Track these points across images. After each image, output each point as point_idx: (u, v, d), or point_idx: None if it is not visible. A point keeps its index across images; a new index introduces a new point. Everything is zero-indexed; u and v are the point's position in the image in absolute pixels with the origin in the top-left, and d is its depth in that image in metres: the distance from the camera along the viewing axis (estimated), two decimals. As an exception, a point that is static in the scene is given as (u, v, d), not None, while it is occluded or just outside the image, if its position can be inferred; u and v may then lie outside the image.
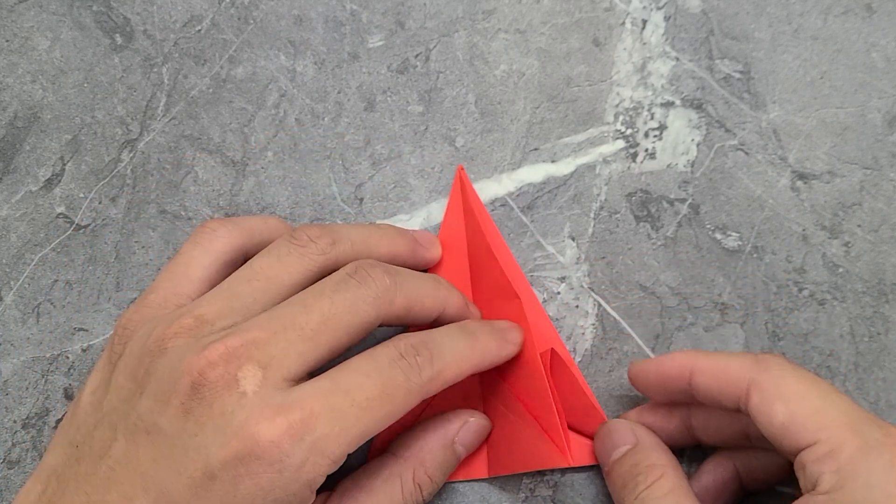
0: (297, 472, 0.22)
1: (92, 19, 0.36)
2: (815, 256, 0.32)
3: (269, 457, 0.22)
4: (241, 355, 0.23)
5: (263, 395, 0.23)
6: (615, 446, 0.29)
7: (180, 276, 0.27)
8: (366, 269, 0.26)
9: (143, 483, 0.23)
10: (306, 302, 0.25)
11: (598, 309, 0.32)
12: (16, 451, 0.32)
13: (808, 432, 0.24)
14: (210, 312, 0.25)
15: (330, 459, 0.23)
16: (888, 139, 0.33)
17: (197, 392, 0.23)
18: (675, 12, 0.35)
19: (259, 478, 0.22)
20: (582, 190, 0.33)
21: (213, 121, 0.35)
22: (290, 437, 0.22)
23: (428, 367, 0.25)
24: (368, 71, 0.35)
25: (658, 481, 0.27)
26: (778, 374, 0.25)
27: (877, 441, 0.23)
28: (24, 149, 0.35)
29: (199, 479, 0.22)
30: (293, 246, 0.27)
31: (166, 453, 0.23)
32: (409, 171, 0.34)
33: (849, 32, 0.34)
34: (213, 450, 0.22)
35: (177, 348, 0.24)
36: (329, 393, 0.23)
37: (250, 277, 0.26)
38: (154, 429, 0.23)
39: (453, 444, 0.29)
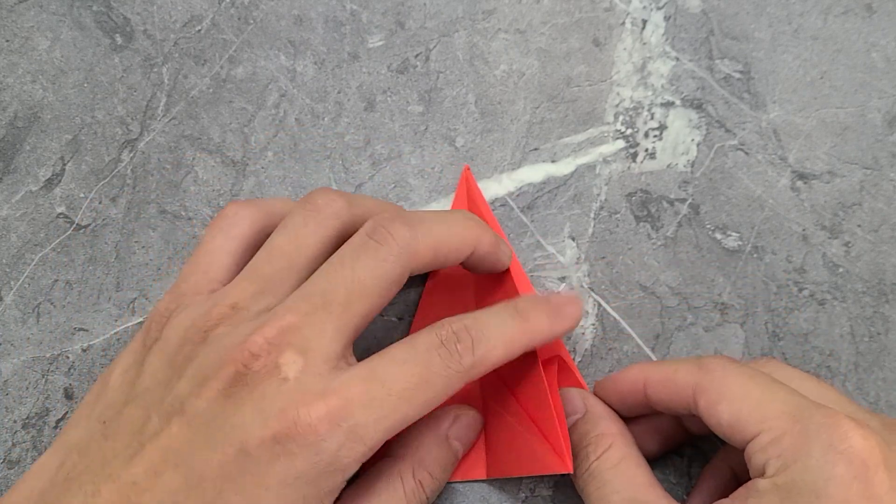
0: (333, 456, 0.23)
1: (92, 19, 0.36)
2: (815, 256, 0.32)
3: (307, 439, 0.22)
4: (280, 343, 0.24)
5: (304, 381, 0.23)
6: (566, 416, 0.29)
7: (208, 263, 0.28)
8: (384, 227, 0.26)
9: (174, 459, 0.23)
10: (329, 276, 0.25)
11: (598, 309, 0.32)
12: (16, 451, 0.32)
13: (751, 426, 0.24)
14: (243, 298, 0.25)
15: (366, 446, 0.23)
16: (888, 139, 0.33)
17: (240, 379, 0.23)
18: (675, 12, 0.35)
19: (294, 458, 0.22)
20: (582, 190, 0.33)
21: (213, 121, 0.35)
22: (328, 422, 0.22)
23: (468, 355, 0.25)
24: (368, 71, 0.35)
25: (607, 451, 0.27)
26: (720, 375, 0.25)
27: (817, 424, 0.23)
28: (24, 149, 0.35)
29: (232, 455, 0.22)
30: (307, 213, 0.27)
31: (201, 432, 0.23)
32: (409, 171, 0.34)
33: (849, 32, 0.34)
34: (251, 429, 0.22)
35: (218, 337, 0.25)
36: (367, 380, 0.23)
37: (271, 256, 0.26)
38: (191, 410, 0.23)
39: (448, 440, 0.29)
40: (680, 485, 0.31)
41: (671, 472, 0.31)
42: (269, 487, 0.22)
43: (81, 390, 0.33)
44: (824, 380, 0.27)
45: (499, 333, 0.26)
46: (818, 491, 0.22)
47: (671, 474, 0.31)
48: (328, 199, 0.27)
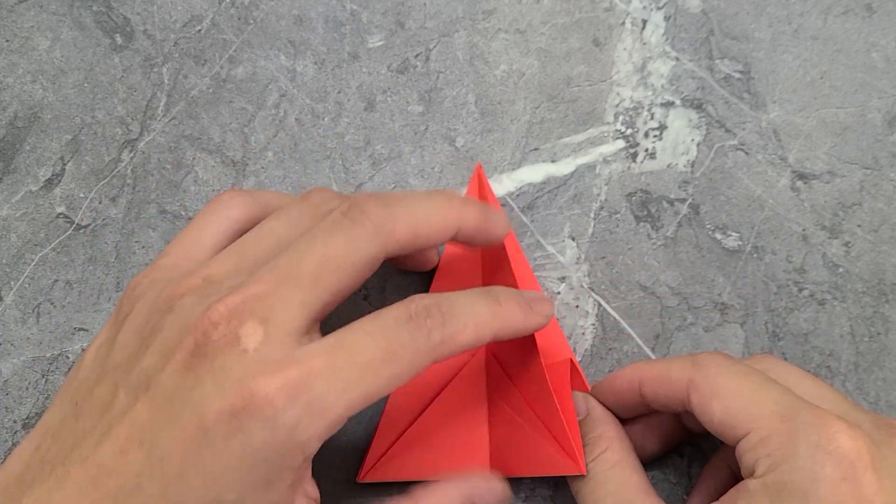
0: (291, 431, 0.22)
1: (92, 19, 0.36)
2: (815, 256, 0.32)
3: (262, 413, 0.22)
4: (243, 311, 0.23)
5: (265, 352, 0.22)
6: None
7: (192, 241, 0.27)
8: (358, 206, 0.25)
9: (138, 437, 0.22)
10: (300, 248, 0.24)
11: (598, 309, 0.32)
12: (16, 450, 0.32)
13: (742, 424, 0.24)
14: (218, 273, 0.25)
15: (326, 421, 0.22)
16: (888, 139, 0.33)
17: (199, 349, 0.23)
18: (675, 12, 0.35)
19: (250, 434, 0.22)
20: (582, 190, 0.33)
21: (213, 121, 0.35)
22: (285, 394, 0.22)
23: (438, 330, 0.24)
24: (368, 71, 0.35)
25: (604, 454, 0.27)
26: (714, 372, 0.25)
27: (805, 424, 0.23)
28: (24, 149, 0.35)
29: (192, 432, 0.22)
30: (305, 207, 0.26)
31: (164, 407, 0.22)
32: (409, 171, 0.34)
33: (849, 32, 0.34)
34: (209, 403, 0.22)
35: (184, 306, 0.24)
36: (330, 351, 0.23)
37: (260, 238, 0.26)
38: (154, 384, 0.23)
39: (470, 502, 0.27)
40: (680, 485, 0.31)
41: (671, 472, 0.31)
42: (229, 466, 0.22)
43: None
44: (821, 378, 0.27)
45: (470, 314, 0.25)
46: (806, 491, 0.22)
47: (671, 474, 0.31)
48: (326, 196, 0.27)
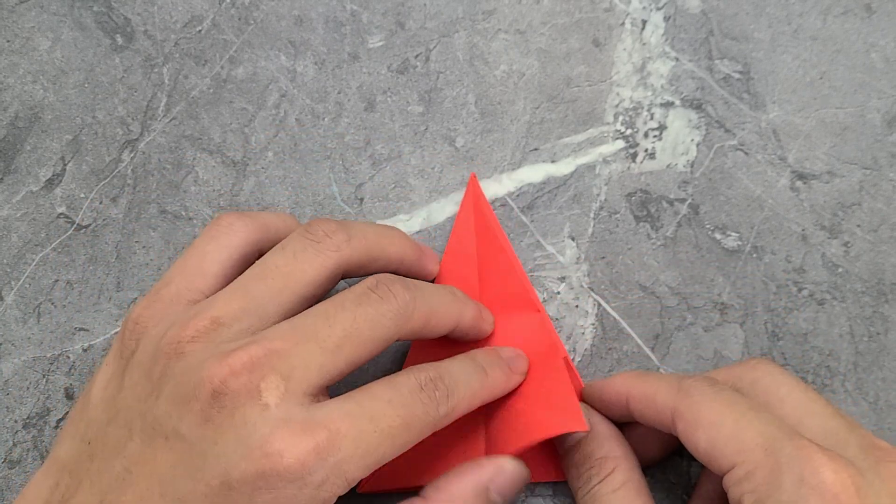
0: (316, 490, 0.22)
1: (93, 20, 0.36)
2: (815, 256, 0.32)
3: (293, 474, 0.22)
4: (264, 365, 0.23)
5: (286, 410, 0.23)
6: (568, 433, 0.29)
7: (194, 270, 0.27)
8: (386, 285, 0.26)
9: (160, 487, 0.22)
10: (328, 315, 0.25)
11: (598, 309, 0.33)
12: (17, 450, 0.32)
13: (726, 457, 0.24)
14: (226, 314, 0.25)
15: (347, 481, 0.23)
16: (887, 139, 0.33)
17: (218, 400, 0.22)
18: (674, 13, 0.35)
19: (277, 492, 0.22)
20: (582, 190, 0.34)
21: (213, 121, 0.35)
22: (316, 456, 0.22)
23: (445, 403, 0.25)
24: (368, 71, 0.35)
25: (610, 475, 0.27)
26: (698, 400, 0.25)
27: (789, 458, 0.23)
28: (24, 149, 0.35)
29: (216, 487, 0.22)
30: (308, 241, 0.26)
31: (185, 459, 0.22)
32: (409, 171, 0.34)
33: (848, 33, 0.34)
34: (234, 461, 0.22)
35: (195, 353, 0.24)
36: (354, 416, 0.23)
37: (265, 275, 0.26)
38: (172, 434, 0.23)
39: (487, 492, 0.27)
40: (679, 485, 0.31)
41: (671, 471, 0.31)
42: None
43: (82, 390, 0.33)
44: (812, 388, 0.27)
45: (466, 387, 0.26)
46: None
47: (671, 474, 0.31)
48: (329, 229, 0.27)
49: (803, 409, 0.25)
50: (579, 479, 0.28)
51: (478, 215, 0.33)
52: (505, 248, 0.32)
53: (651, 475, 0.31)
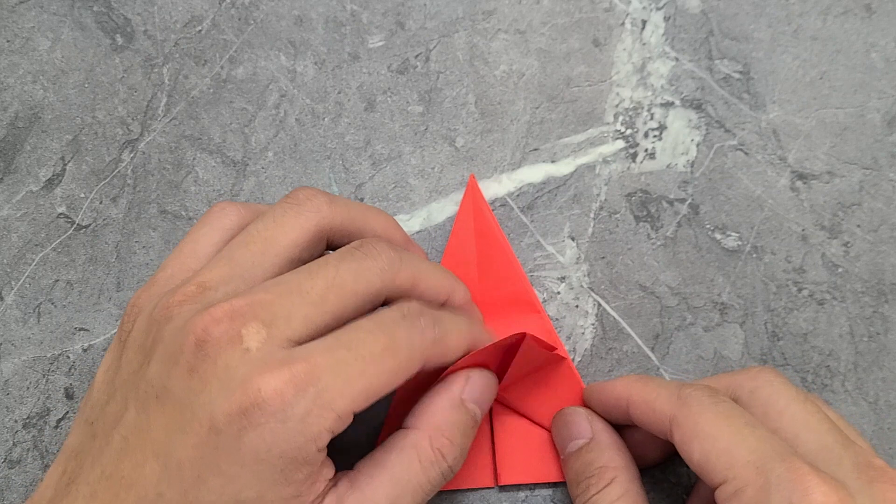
0: (301, 423, 0.22)
1: (93, 20, 0.36)
2: (815, 256, 0.32)
3: (272, 406, 0.22)
4: (246, 314, 0.23)
5: (267, 351, 0.23)
6: (571, 437, 0.29)
7: (188, 253, 0.27)
8: (371, 244, 0.26)
9: (153, 448, 0.23)
10: (311, 270, 0.25)
11: (598, 309, 0.33)
12: (17, 450, 0.32)
13: (718, 472, 0.24)
14: (211, 279, 0.25)
15: (335, 413, 0.23)
16: (887, 139, 0.33)
17: (201, 349, 0.23)
18: (674, 13, 0.35)
19: (262, 429, 0.22)
20: (582, 190, 0.34)
21: (213, 121, 0.35)
22: (293, 387, 0.22)
23: (430, 329, 0.25)
24: (368, 71, 0.35)
25: (609, 486, 0.27)
26: (696, 410, 0.25)
27: (778, 478, 0.23)
28: (24, 149, 0.35)
29: (204, 435, 0.22)
30: (288, 205, 0.27)
31: (175, 416, 0.23)
32: (409, 171, 0.34)
33: (848, 33, 0.34)
34: (218, 404, 0.22)
35: (182, 314, 0.24)
36: (332, 348, 0.23)
37: (248, 241, 0.26)
38: (163, 392, 0.23)
39: (462, 402, 0.27)
40: (679, 485, 0.31)
41: (671, 472, 0.31)
42: (245, 465, 0.22)
43: (82, 390, 0.33)
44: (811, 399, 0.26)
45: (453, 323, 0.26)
46: None
47: (671, 474, 0.31)
48: (309, 194, 0.27)
49: (801, 422, 0.25)
50: (578, 487, 0.28)
51: (477, 216, 0.33)
52: (505, 249, 0.32)
53: (651, 475, 0.31)
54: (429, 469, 0.26)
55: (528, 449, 0.30)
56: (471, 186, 0.33)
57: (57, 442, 0.32)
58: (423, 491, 0.25)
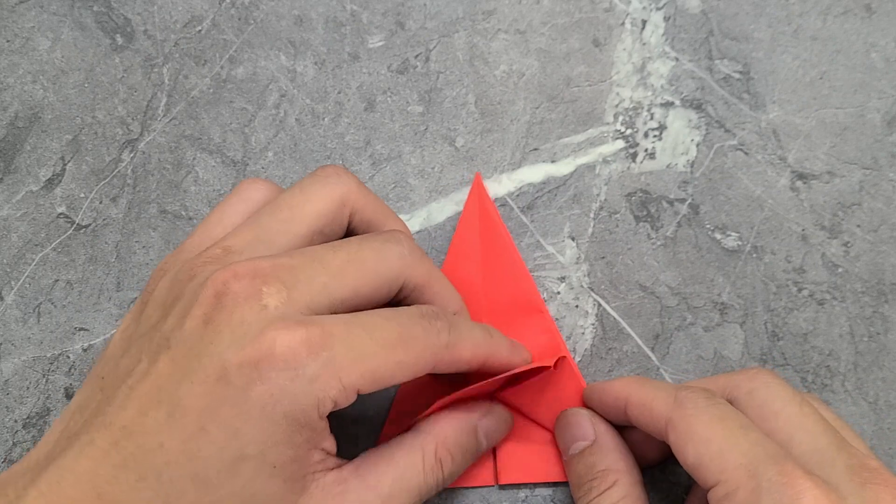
0: (309, 384, 0.22)
1: (93, 20, 0.36)
2: (815, 256, 0.32)
3: (284, 362, 0.22)
4: (268, 274, 0.23)
5: (284, 311, 0.23)
6: (574, 439, 0.29)
7: (214, 222, 0.28)
8: (394, 232, 0.27)
9: (157, 395, 0.22)
10: (334, 244, 0.25)
11: (598, 309, 0.33)
12: (17, 450, 0.32)
13: (711, 474, 0.24)
14: (237, 242, 0.25)
15: (342, 384, 0.23)
16: (887, 139, 0.33)
17: (219, 301, 0.23)
18: (674, 13, 0.35)
19: (270, 383, 0.22)
20: (582, 190, 0.34)
21: (213, 121, 0.35)
22: (307, 348, 0.22)
23: (445, 333, 0.25)
24: (368, 71, 0.35)
25: (610, 489, 0.27)
26: (691, 413, 0.25)
27: (770, 482, 0.23)
28: (24, 149, 0.35)
29: (211, 383, 0.22)
30: (316, 178, 0.27)
31: (183, 364, 0.23)
32: (409, 171, 0.34)
33: (848, 33, 0.34)
34: (229, 354, 0.22)
35: (205, 272, 0.24)
36: (349, 323, 0.24)
37: (274, 209, 0.26)
38: (175, 342, 0.23)
39: (475, 431, 0.28)
40: (679, 485, 0.31)
41: (671, 471, 0.31)
42: (249, 418, 0.22)
43: (82, 390, 0.33)
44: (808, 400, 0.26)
45: (470, 332, 0.27)
46: None
47: (671, 474, 0.31)
48: (336, 169, 0.28)
49: (796, 424, 0.25)
50: (580, 490, 0.28)
51: (482, 214, 0.33)
52: (509, 247, 0.32)
53: (651, 475, 0.31)
54: (428, 474, 0.26)
55: (529, 448, 0.30)
56: (476, 184, 0.33)
57: (57, 442, 0.32)
58: (419, 493, 0.26)
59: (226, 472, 0.22)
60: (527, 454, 0.30)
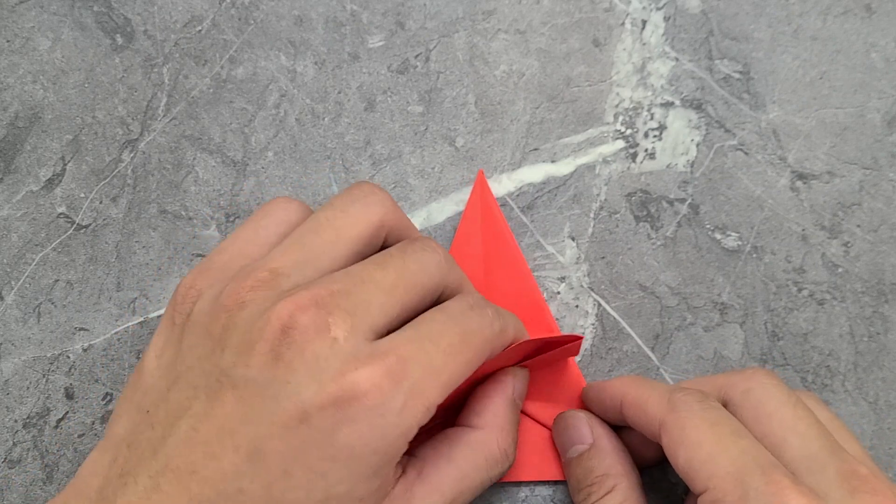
0: (398, 417, 0.22)
1: (93, 19, 0.36)
2: (815, 256, 0.32)
3: (371, 401, 0.22)
4: (329, 303, 0.23)
5: (354, 343, 0.22)
6: (572, 443, 0.29)
7: (246, 240, 0.27)
8: (426, 240, 0.27)
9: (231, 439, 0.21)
10: (379, 261, 0.25)
11: (598, 309, 0.33)
12: (16, 450, 0.32)
13: (700, 480, 0.24)
14: (284, 265, 0.25)
15: (425, 406, 0.23)
16: (887, 139, 0.33)
17: (287, 336, 0.22)
18: (674, 13, 0.35)
19: (359, 424, 0.21)
20: (582, 190, 0.34)
21: (213, 121, 0.35)
22: (390, 381, 0.22)
23: (497, 320, 0.26)
24: (368, 71, 0.35)
25: (609, 494, 0.27)
26: (684, 416, 0.25)
27: (756, 491, 0.23)
28: (25, 149, 0.35)
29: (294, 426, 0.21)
30: (356, 197, 0.27)
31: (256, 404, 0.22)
32: (409, 171, 0.34)
33: (848, 33, 0.34)
34: (308, 395, 0.21)
35: (257, 300, 0.23)
36: (415, 340, 0.23)
37: (318, 229, 0.26)
38: (242, 382, 0.22)
39: (515, 402, 0.28)
40: (679, 485, 0.31)
41: (670, 472, 0.31)
42: (337, 459, 0.21)
43: (82, 390, 0.33)
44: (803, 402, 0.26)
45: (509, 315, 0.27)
46: None
47: (670, 474, 0.31)
48: (373, 188, 0.27)
49: (789, 427, 0.25)
50: (579, 494, 0.28)
51: (485, 212, 0.33)
52: (511, 245, 0.32)
53: (650, 475, 0.31)
54: (493, 467, 0.26)
55: (530, 446, 0.30)
56: (479, 182, 0.33)
57: (57, 442, 0.32)
58: (482, 487, 0.26)
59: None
60: (528, 452, 0.30)
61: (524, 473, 0.30)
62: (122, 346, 0.33)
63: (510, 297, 0.31)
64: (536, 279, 0.33)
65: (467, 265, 0.32)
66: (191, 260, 0.34)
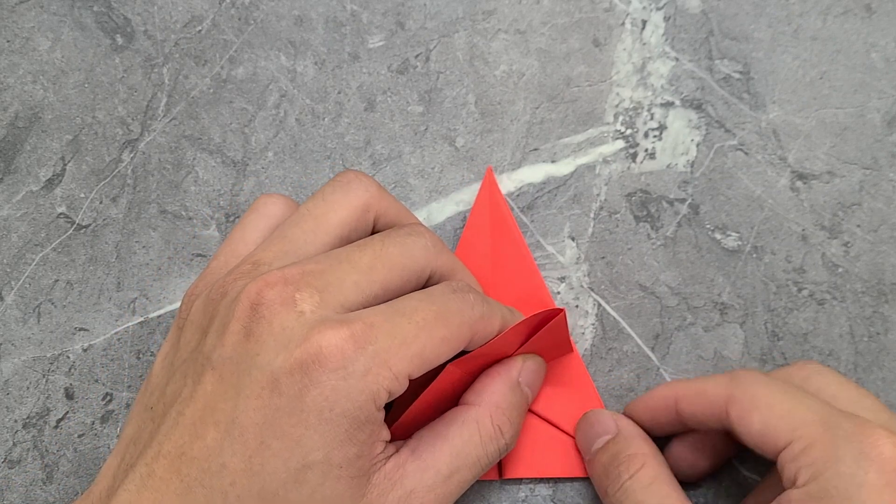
0: (362, 380, 0.22)
1: (93, 20, 0.36)
2: (815, 256, 0.32)
3: (333, 362, 0.22)
4: (299, 281, 0.24)
5: (321, 314, 0.23)
6: (597, 435, 0.29)
7: (237, 240, 0.28)
8: (415, 226, 0.27)
9: (212, 417, 0.22)
10: (359, 243, 0.26)
11: (598, 309, 0.33)
12: (16, 450, 0.32)
13: (782, 434, 0.24)
14: (265, 256, 0.26)
15: (392, 373, 0.23)
16: (888, 139, 0.33)
17: (256, 312, 0.23)
18: (674, 13, 0.35)
19: (323, 386, 0.22)
20: (582, 190, 0.34)
21: (213, 121, 0.35)
22: (353, 344, 0.22)
23: (479, 304, 0.26)
24: (368, 71, 0.35)
25: (641, 470, 0.27)
26: (751, 386, 0.25)
27: (846, 432, 0.23)
28: (24, 149, 0.35)
29: (265, 397, 0.22)
30: (337, 185, 0.27)
31: (232, 381, 0.23)
32: (409, 171, 0.34)
33: (848, 33, 0.34)
34: (277, 363, 0.22)
35: (236, 287, 0.24)
36: (387, 311, 0.24)
37: (299, 220, 0.27)
38: (219, 362, 0.23)
39: (519, 385, 0.28)
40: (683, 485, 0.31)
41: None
42: (309, 425, 0.22)
43: (82, 390, 0.33)
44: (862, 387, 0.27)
45: (497, 305, 0.27)
46: (850, 498, 0.22)
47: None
48: (357, 175, 0.28)
49: (857, 403, 0.25)
50: (608, 478, 0.28)
51: (493, 208, 0.33)
52: (519, 242, 0.32)
53: (651, 475, 0.31)
54: (488, 444, 0.26)
55: (534, 443, 0.30)
56: (488, 178, 0.33)
57: (57, 442, 0.32)
58: (479, 465, 0.26)
59: (292, 483, 0.22)
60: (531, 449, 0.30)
61: (529, 470, 0.30)
62: (122, 346, 0.33)
63: (518, 294, 0.31)
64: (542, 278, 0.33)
65: (475, 262, 0.32)
66: (191, 260, 0.34)
